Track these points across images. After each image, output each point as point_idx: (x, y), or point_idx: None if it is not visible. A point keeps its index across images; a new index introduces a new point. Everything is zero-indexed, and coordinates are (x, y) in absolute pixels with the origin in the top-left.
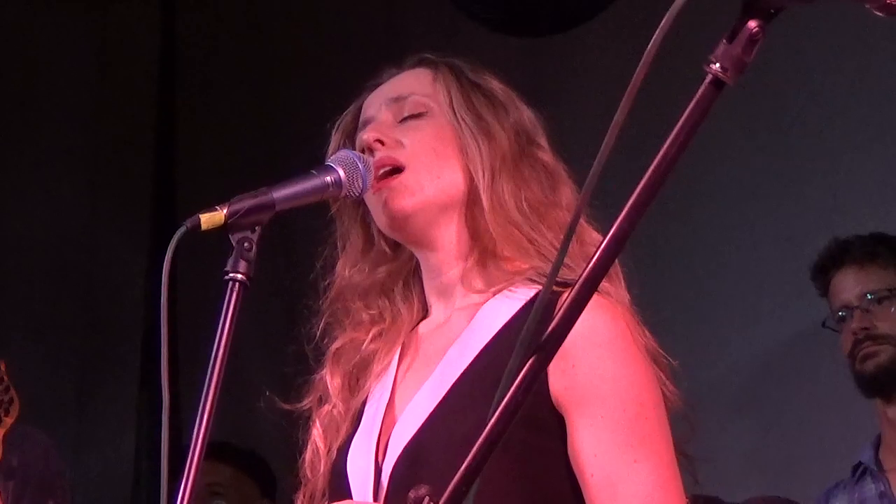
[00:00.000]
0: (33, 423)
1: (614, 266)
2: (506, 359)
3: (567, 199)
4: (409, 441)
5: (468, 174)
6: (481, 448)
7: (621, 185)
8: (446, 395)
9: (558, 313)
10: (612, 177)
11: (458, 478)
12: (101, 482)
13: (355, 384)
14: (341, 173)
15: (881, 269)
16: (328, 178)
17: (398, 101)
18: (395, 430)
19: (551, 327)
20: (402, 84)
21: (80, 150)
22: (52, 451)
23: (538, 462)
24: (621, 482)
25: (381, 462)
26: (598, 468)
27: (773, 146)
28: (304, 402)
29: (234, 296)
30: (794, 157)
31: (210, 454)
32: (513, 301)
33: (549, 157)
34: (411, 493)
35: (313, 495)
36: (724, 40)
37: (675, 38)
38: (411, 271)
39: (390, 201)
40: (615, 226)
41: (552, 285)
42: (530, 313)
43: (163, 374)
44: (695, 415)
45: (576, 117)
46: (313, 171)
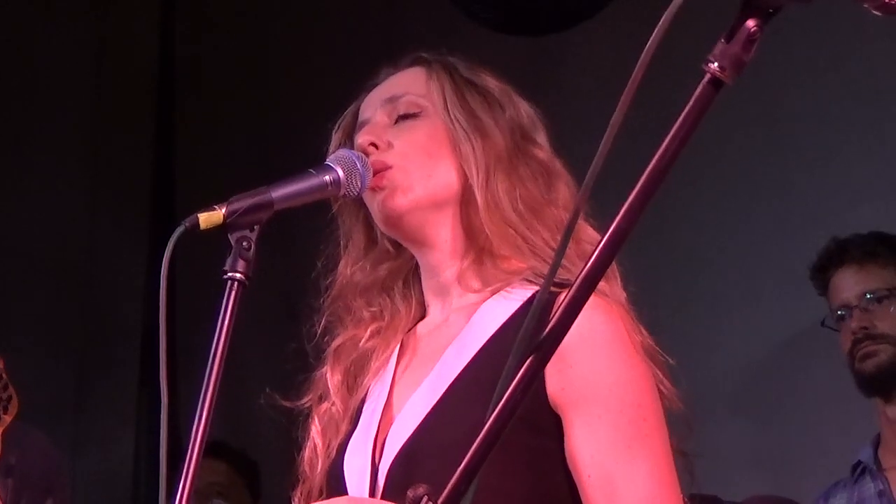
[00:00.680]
0: (32, 422)
1: (611, 266)
2: (503, 359)
3: (564, 197)
4: (406, 441)
5: (462, 173)
6: (479, 448)
7: (619, 185)
8: (443, 395)
9: (556, 314)
10: (610, 176)
11: (457, 478)
12: (100, 480)
13: (353, 382)
14: (340, 172)
15: (880, 269)
16: (327, 177)
17: (392, 102)
18: (392, 430)
19: (549, 328)
20: (397, 84)
21: (79, 150)
22: (51, 450)
23: (536, 462)
24: (619, 482)
25: (378, 462)
26: (596, 468)
27: (771, 145)
28: (304, 400)
29: (233, 295)
30: (792, 156)
31: (208, 452)
32: (510, 301)
33: (546, 155)
34: (410, 493)
35: (310, 493)
36: (723, 39)
37: (674, 36)
38: (411, 271)
39: (383, 201)
40: (613, 226)
41: (549, 286)
42: (528, 314)
43: (161, 373)
44: (692, 413)
45: (574, 116)
46: (312, 171)
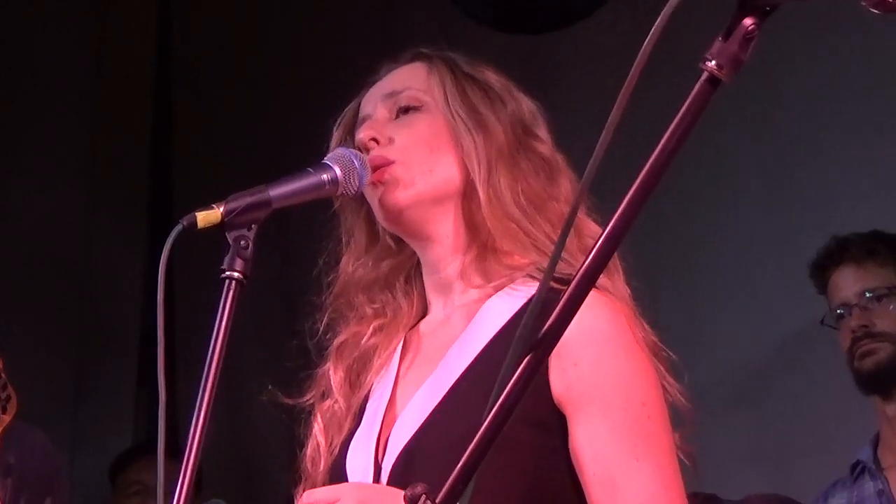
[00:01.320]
0: (31, 421)
1: (613, 260)
2: (506, 358)
3: (566, 192)
4: (409, 440)
5: (464, 168)
6: (477, 447)
7: (618, 182)
8: (446, 394)
9: (555, 311)
10: (609, 173)
11: (455, 476)
12: (99, 479)
13: (356, 380)
14: (337, 171)
15: (880, 267)
16: (324, 175)
17: (393, 97)
18: (395, 428)
19: (547, 325)
20: (397, 79)
21: (77, 149)
22: (49, 449)
23: (540, 461)
24: (623, 481)
25: (381, 460)
26: (600, 467)
27: (771, 142)
28: (307, 397)
29: (231, 294)
30: (792, 154)
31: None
32: (514, 299)
33: (548, 149)
34: (407, 492)
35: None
36: (720, 38)
37: (671, 34)
38: (413, 267)
39: (383, 196)
40: (611, 223)
41: (548, 282)
42: (530, 307)
43: (159, 372)
44: (693, 410)
45: (572, 114)
46: (310, 169)
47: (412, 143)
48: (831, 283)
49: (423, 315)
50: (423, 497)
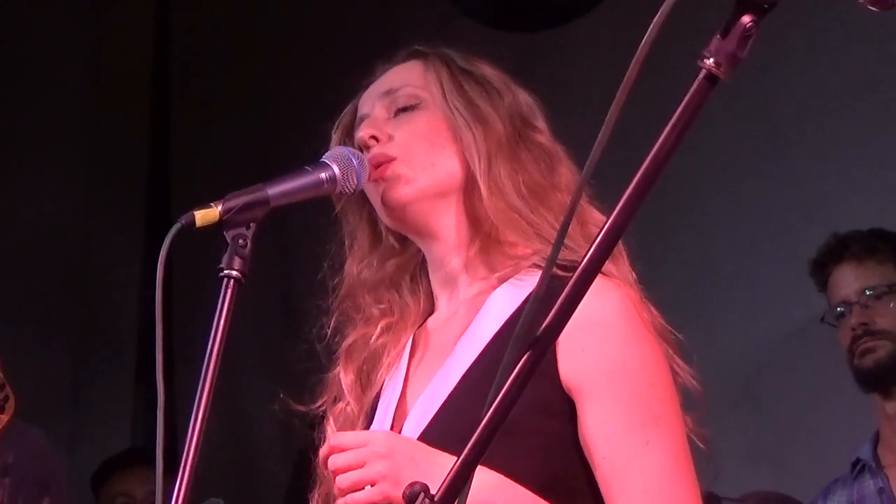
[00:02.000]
0: (29, 420)
1: (617, 246)
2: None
3: (566, 181)
4: (419, 436)
5: (464, 162)
6: (477, 441)
7: (617, 180)
8: (455, 388)
9: (557, 303)
10: (608, 173)
11: (453, 474)
12: None
13: (367, 380)
14: (336, 169)
15: (880, 265)
16: (323, 174)
17: (390, 95)
18: (405, 425)
19: (549, 317)
20: (394, 77)
21: (75, 147)
22: (47, 449)
23: (550, 447)
24: (634, 463)
25: None
26: (610, 450)
27: (772, 139)
28: (319, 403)
29: (229, 292)
30: (791, 152)
31: (138, 462)
32: (520, 290)
33: (547, 139)
34: (406, 490)
35: (329, 494)
36: (718, 35)
37: (669, 32)
38: (418, 265)
39: (386, 193)
40: (610, 220)
41: (550, 273)
42: (529, 301)
43: (158, 370)
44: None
45: (570, 113)
46: (308, 168)
47: (412, 139)
48: (831, 281)
49: (431, 312)
50: (421, 495)
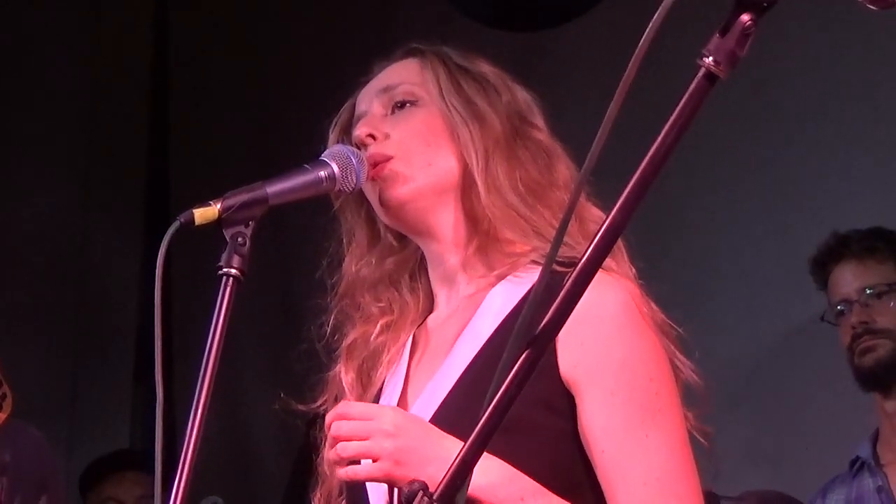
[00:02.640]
0: (27, 419)
1: (617, 242)
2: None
3: (564, 178)
4: None
5: (462, 159)
6: (475, 440)
7: (616, 178)
8: (454, 385)
9: (556, 301)
10: (607, 172)
11: (453, 472)
12: None
13: (367, 379)
14: (335, 168)
15: (880, 264)
16: (322, 172)
17: (387, 92)
18: None
19: (549, 314)
20: (391, 75)
21: (74, 146)
22: (45, 447)
23: (550, 442)
24: (633, 457)
25: None
26: (610, 444)
27: (770, 139)
28: (319, 402)
29: (228, 290)
30: (791, 150)
31: (126, 465)
32: (518, 287)
33: (545, 137)
34: (405, 487)
35: (331, 493)
36: (717, 34)
37: (669, 30)
38: (417, 263)
39: (383, 192)
40: (609, 218)
41: (549, 271)
42: (530, 295)
43: (157, 369)
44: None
45: (570, 111)
46: (307, 166)
47: (409, 137)
48: (831, 280)
49: (431, 310)
50: (420, 493)
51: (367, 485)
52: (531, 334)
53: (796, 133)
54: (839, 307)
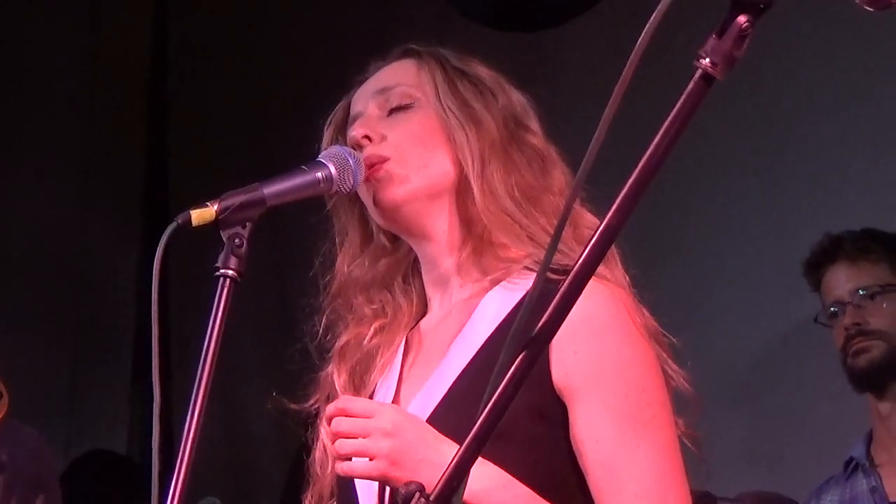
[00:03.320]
0: (26, 419)
1: (610, 249)
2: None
3: (559, 183)
4: None
5: (458, 163)
6: (472, 442)
7: (612, 179)
8: (448, 391)
9: (551, 305)
10: (603, 169)
11: (449, 473)
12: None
13: (359, 381)
14: (332, 169)
15: (873, 265)
16: (319, 173)
17: (384, 93)
18: None
19: (544, 318)
20: (388, 76)
21: (72, 145)
22: (42, 448)
23: (542, 450)
24: (625, 467)
25: None
26: (600, 453)
27: (765, 140)
28: (311, 401)
29: (225, 292)
30: (787, 152)
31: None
32: (513, 293)
33: (540, 141)
34: (402, 489)
35: (321, 495)
36: (714, 35)
37: (666, 31)
38: (410, 265)
39: (378, 193)
40: (605, 221)
41: (543, 277)
42: (526, 300)
43: (154, 370)
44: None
45: (567, 112)
46: (304, 167)
47: (406, 139)
48: (825, 281)
49: (424, 313)
50: (417, 494)
51: (357, 484)
52: (528, 336)
53: (792, 135)
54: (832, 308)
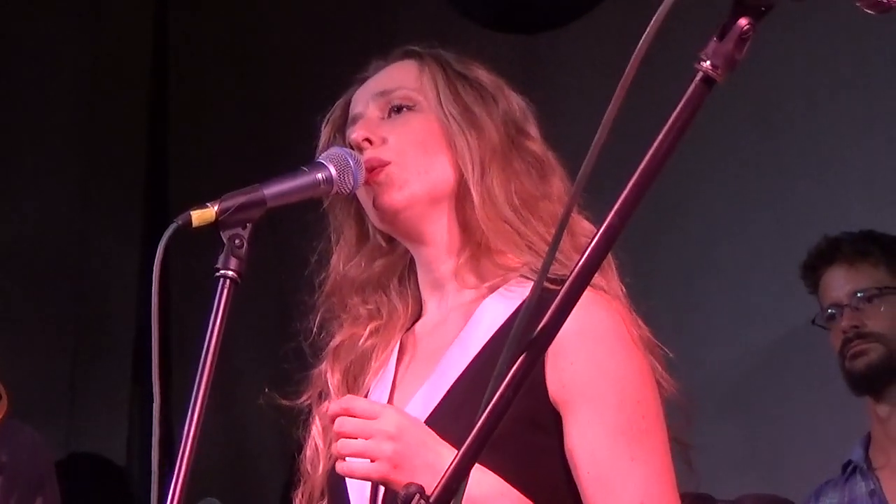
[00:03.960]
0: (25, 419)
1: (607, 259)
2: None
3: (558, 191)
4: None
5: (457, 168)
6: (471, 446)
7: (612, 182)
8: (445, 396)
9: (549, 310)
10: (602, 173)
11: (449, 475)
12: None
13: (353, 383)
14: (332, 170)
15: (871, 268)
16: (319, 175)
17: (385, 96)
18: None
19: (542, 324)
20: (389, 78)
21: (72, 146)
22: (41, 448)
23: (536, 460)
24: (617, 480)
25: None
26: (594, 466)
27: (763, 143)
28: (303, 398)
29: (225, 293)
30: (785, 154)
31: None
32: (510, 300)
33: (539, 147)
34: (402, 491)
35: (312, 494)
36: (715, 38)
37: (666, 34)
38: (406, 267)
39: (378, 197)
40: (605, 224)
41: (542, 284)
42: (524, 303)
43: (154, 371)
44: (693, 405)
45: (567, 114)
46: (304, 168)
47: (407, 143)
48: (822, 284)
49: (419, 316)
50: (416, 496)
51: (349, 485)
52: (527, 338)
53: (789, 138)
54: (830, 311)
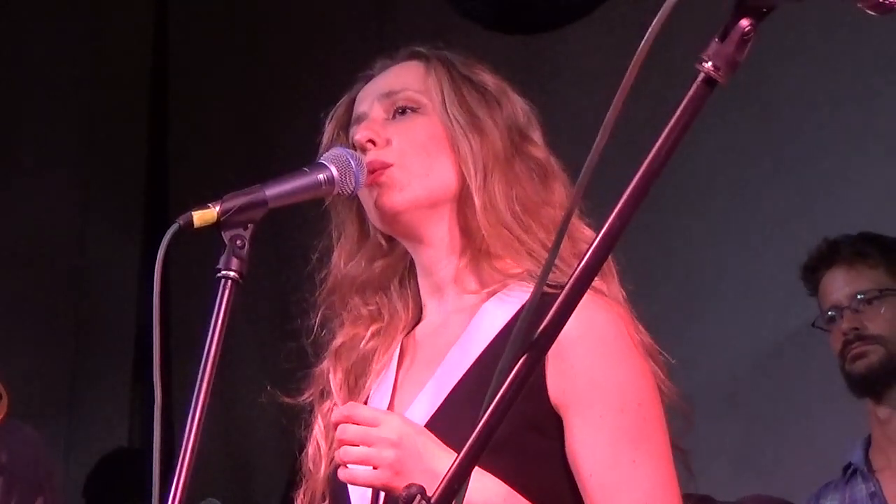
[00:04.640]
0: (26, 419)
1: (608, 263)
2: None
3: (559, 196)
4: None
5: (460, 172)
6: (472, 447)
7: (613, 183)
8: (446, 399)
9: (550, 313)
10: (603, 174)
11: (450, 476)
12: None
13: (354, 384)
14: (334, 171)
15: (871, 270)
16: (321, 175)
17: (390, 97)
18: None
19: (542, 327)
20: (394, 78)
21: (73, 147)
22: (41, 448)
23: (537, 463)
24: (620, 483)
25: None
26: (597, 469)
27: (763, 145)
28: (305, 396)
29: (227, 293)
30: (785, 156)
31: None
32: (510, 304)
33: (542, 153)
34: (403, 491)
35: (314, 494)
36: (716, 39)
37: (668, 35)
38: (406, 268)
39: (380, 199)
40: (606, 225)
41: (542, 287)
42: (524, 308)
43: (155, 371)
44: (692, 410)
45: (569, 115)
46: (306, 169)
47: (411, 146)
48: (822, 286)
49: (419, 318)
50: (418, 497)
51: (350, 489)
52: (529, 339)
53: (789, 140)
54: (830, 313)
